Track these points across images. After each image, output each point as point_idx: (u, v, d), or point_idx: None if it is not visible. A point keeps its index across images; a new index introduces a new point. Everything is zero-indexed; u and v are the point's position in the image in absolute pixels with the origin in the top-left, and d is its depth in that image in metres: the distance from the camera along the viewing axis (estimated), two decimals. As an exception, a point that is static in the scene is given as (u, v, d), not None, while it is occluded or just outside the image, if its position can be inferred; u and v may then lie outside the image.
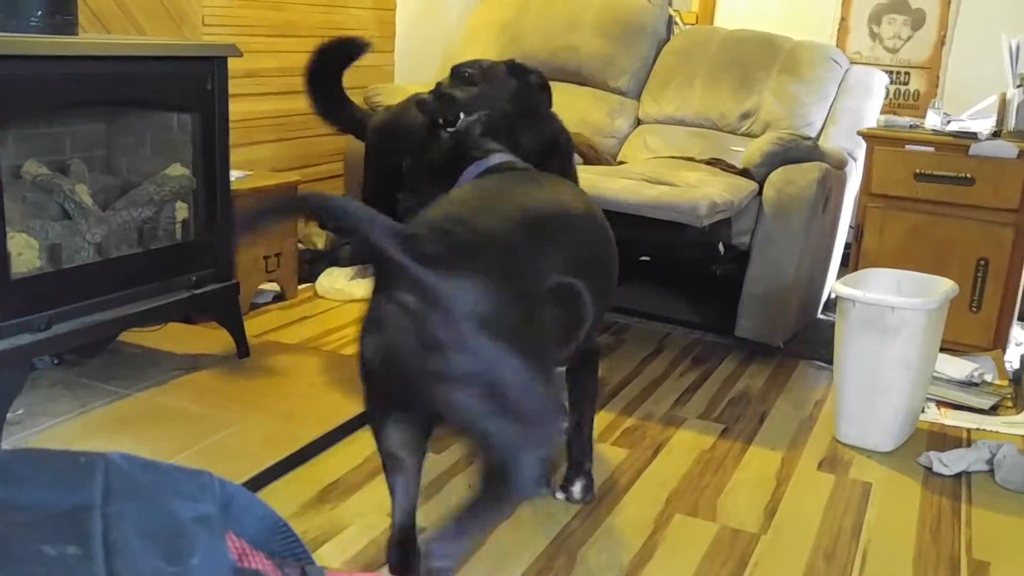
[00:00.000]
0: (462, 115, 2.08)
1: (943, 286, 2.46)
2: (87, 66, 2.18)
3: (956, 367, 2.80)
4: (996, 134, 3.03)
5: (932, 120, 3.15)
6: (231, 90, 2.56)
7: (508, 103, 2.13)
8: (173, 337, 2.73)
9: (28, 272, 2.14)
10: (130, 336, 2.64)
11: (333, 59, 2.71)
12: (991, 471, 2.26)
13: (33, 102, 2.11)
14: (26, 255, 2.15)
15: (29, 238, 2.17)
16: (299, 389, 2.47)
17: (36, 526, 0.59)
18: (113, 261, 2.34)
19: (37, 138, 2.44)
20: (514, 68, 2.20)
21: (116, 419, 2.22)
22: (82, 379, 2.42)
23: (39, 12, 2.15)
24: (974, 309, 3.02)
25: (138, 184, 2.51)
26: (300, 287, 3.38)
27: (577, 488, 2.02)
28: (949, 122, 3.14)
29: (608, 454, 2.28)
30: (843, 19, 3.93)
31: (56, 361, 2.48)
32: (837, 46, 3.86)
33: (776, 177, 3.04)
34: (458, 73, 2.20)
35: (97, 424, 2.18)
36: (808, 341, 3.17)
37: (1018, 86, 3.00)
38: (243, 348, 2.65)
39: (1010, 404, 2.71)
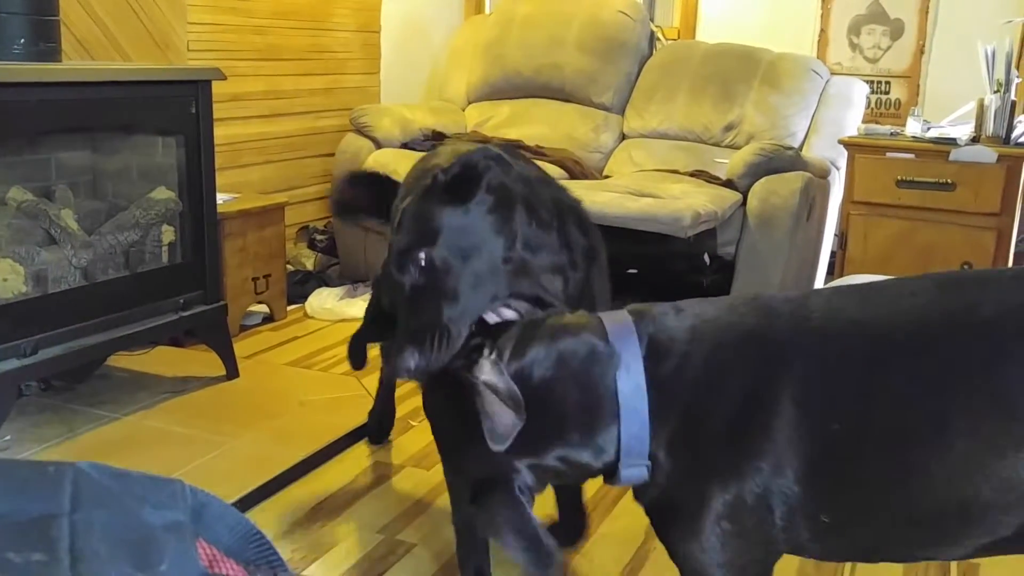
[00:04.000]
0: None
1: (926, 290, 2.48)
2: (71, 92, 2.20)
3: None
4: (975, 139, 3.06)
5: (912, 127, 3.18)
6: (217, 114, 2.58)
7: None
8: (161, 360, 2.73)
9: (14, 297, 2.15)
10: (118, 360, 2.64)
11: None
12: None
13: (17, 129, 2.13)
14: (11, 280, 2.16)
15: (14, 264, 2.17)
16: (288, 409, 2.47)
17: (2, 534, 0.59)
18: (99, 285, 2.35)
19: (22, 164, 2.45)
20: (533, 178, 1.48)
21: (105, 443, 2.21)
22: (70, 404, 2.41)
23: (21, 40, 2.17)
24: (960, 313, 3.04)
25: (124, 208, 2.52)
26: (289, 308, 3.39)
27: None
28: (929, 129, 3.17)
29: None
30: (823, 31, 3.97)
31: (43, 386, 2.47)
32: (817, 57, 3.90)
33: (759, 187, 3.06)
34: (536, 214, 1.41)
35: (85, 449, 2.17)
36: (797, 349, 3.18)
37: (995, 92, 3.04)
38: (232, 369, 2.65)
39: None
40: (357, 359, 2.12)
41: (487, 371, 1.08)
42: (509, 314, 1.33)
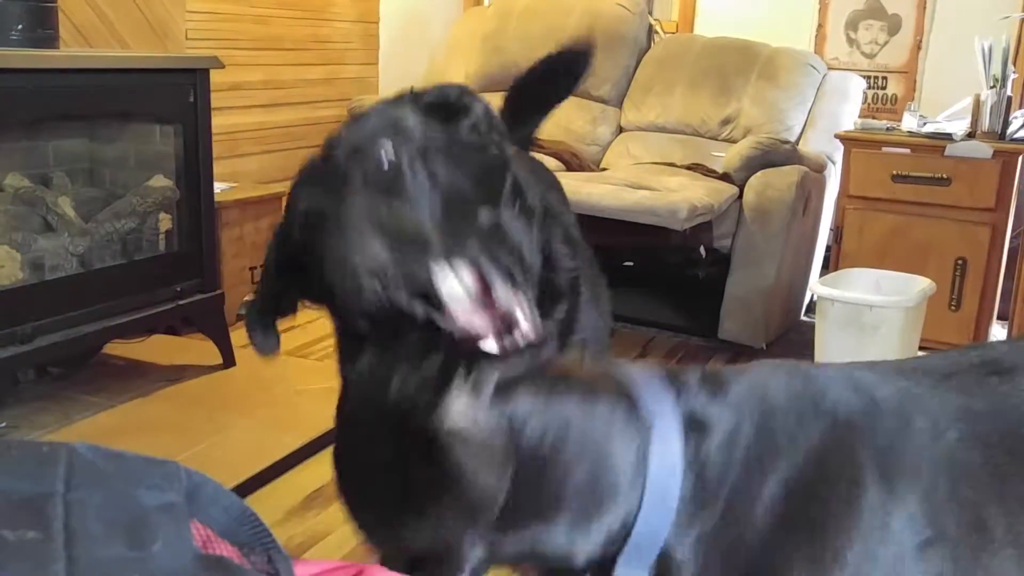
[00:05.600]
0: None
1: (920, 285, 2.49)
2: (69, 79, 2.20)
3: (937, 366, 2.82)
4: (971, 135, 3.06)
5: (908, 122, 3.18)
6: (215, 103, 2.58)
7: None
8: (158, 348, 2.74)
9: (10, 284, 2.15)
10: (114, 347, 2.64)
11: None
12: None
13: (15, 115, 2.13)
14: (8, 267, 2.16)
15: (11, 250, 2.18)
16: (284, 397, 2.48)
17: (-3, 512, 0.60)
18: (96, 273, 2.36)
19: (19, 151, 2.46)
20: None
21: (101, 431, 2.22)
22: (66, 391, 2.42)
23: (19, 26, 2.17)
24: (953, 308, 3.05)
25: (121, 196, 2.52)
26: (286, 298, 3.39)
27: None
28: (925, 124, 3.17)
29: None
30: (820, 25, 3.97)
31: (39, 374, 2.48)
32: (815, 52, 3.90)
33: (756, 181, 3.07)
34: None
35: (81, 436, 2.18)
36: (791, 342, 3.20)
37: (991, 87, 3.04)
38: (228, 358, 2.66)
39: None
40: (265, 340, 1.12)
41: (464, 407, 0.75)
42: (457, 287, 0.89)
